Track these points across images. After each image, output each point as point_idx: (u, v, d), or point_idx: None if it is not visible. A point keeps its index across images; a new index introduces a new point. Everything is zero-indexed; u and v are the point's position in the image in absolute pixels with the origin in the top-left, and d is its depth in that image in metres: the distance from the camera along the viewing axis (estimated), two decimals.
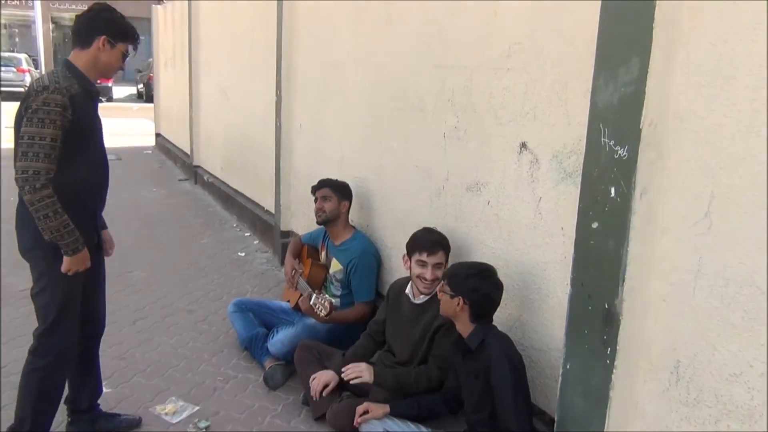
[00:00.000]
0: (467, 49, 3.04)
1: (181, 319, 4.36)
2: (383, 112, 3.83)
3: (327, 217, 3.80)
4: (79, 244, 2.47)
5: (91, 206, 2.68)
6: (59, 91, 2.39)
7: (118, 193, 8.19)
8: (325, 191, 3.83)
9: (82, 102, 2.49)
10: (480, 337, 2.47)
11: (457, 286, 2.48)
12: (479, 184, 3.00)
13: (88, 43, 2.54)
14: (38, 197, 2.35)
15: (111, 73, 2.73)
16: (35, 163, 2.35)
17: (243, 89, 6.88)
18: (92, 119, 2.60)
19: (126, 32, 2.61)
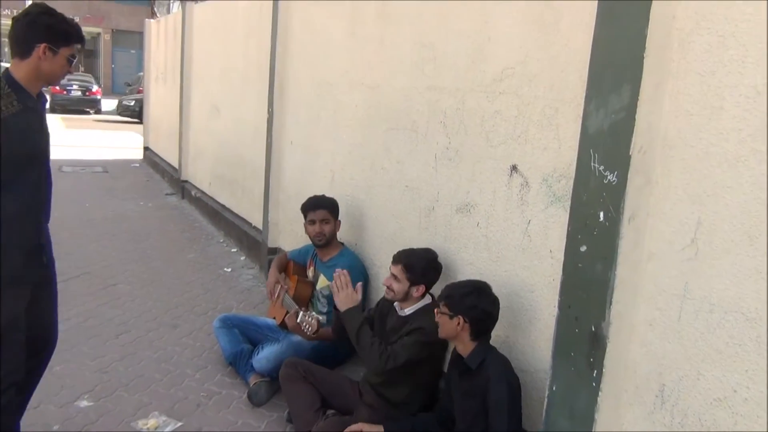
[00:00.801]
0: (460, 72, 3.09)
1: (166, 333, 4.33)
2: (375, 131, 3.86)
3: (327, 239, 3.81)
4: None
5: (32, 227, 2.50)
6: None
7: (104, 206, 8.19)
8: (324, 214, 3.81)
9: (19, 122, 2.30)
10: (480, 356, 2.48)
11: (455, 305, 2.49)
12: (469, 206, 3.03)
13: (27, 53, 2.35)
14: None
15: (57, 81, 2.51)
16: None
17: (234, 105, 6.91)
18: (33, 138, 2.40)
19: (68, 35, 2.41)
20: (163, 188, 9.90)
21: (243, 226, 6.47)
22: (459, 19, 3.10)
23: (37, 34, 2.34)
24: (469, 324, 2.48)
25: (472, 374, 2.49)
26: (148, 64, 12.44)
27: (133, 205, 8.50)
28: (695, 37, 1.95)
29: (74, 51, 2.45)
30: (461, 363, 2.56)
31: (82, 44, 2.50)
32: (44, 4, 2.43)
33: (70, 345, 4.02)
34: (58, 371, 3.65)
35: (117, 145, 14.83)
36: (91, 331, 4.28)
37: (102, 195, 8.94)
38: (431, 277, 3.07)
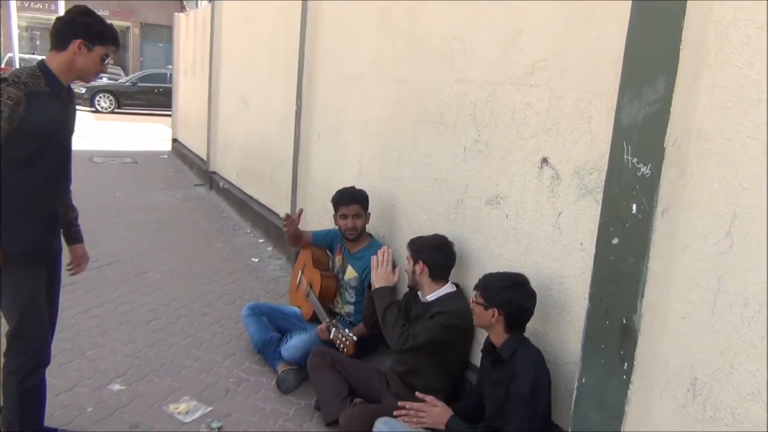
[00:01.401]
0: (491, 65, 3.08)
1: (195, 320, 4.40)
2: (404, 124, 3.86)
3: (359, 233, 3.83)
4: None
5: (43, 212, 2.55)
6: (16, 84, 2.34)
7: (133, 196, 8.31)
8: (356, 208, 3.80)
9: (44, 102, 2.42)
10: (512, 348, 2.48)
11: (491, 297, 2.50)
12: (498, 198, 3.02)
13: (64, 46, 2.48)
14: None
15: (89, 77, 2.61)
16: None
17: (263, 98, 6.95)
18: (54, 122, 2.49)
19: (103, 36, 2.53)
20: (191, 179, 10.01)
21: (270, 217, 6.52)
22: (490, 11, 3.08)
23: (75, 31, 2.48)
24: (503, 317, 2.48)
25: (503, 364, 2.50)
26: (177, 57, 12.57)
27: (162, 195, 8.61)
28: (733, 28, 1.93)
29: (108, 51, 2.56)
30: (494, 352, 2.57)
31: (117, 47, 2.61)
32: (85, 6, 2.57)
33: (102, 330, 4.10)
34: (91, 355, 3.73)
35: (146, 136, 15.02)
36: (122, 317, 4.35)
37: (132, 185, 9.07)
38: (433, 258, 3.07)
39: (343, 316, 3.87)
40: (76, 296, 4.60)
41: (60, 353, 3.62)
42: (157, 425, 3.09)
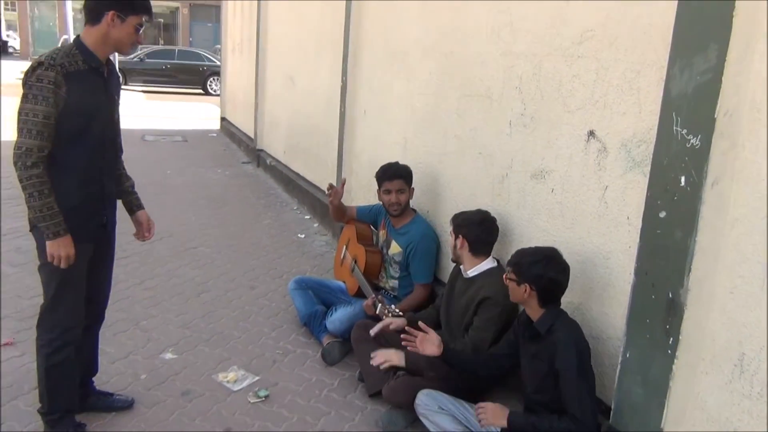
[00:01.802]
0: (537, 37, 3.04)
1: (243, 294, 4.51)
2: (449, 99, 3.85)
3: (402, 209, 3.84)
4: (60, 229, 2.41)
5: (95, 188, 2.59)
6: (53, 67, 2.33)
7: (184, 173, 8.51)
8: (400, 183, 3.80)
9: (83, 80, 2.42)
10: (549, 321, 2.48)
11: (522, 273, 2.49)
12: (544, 172, 3.00)
13: (97, 20, 2.45)
14: (27, 175, 2.34)
15: (125, 49, 2.57)
16: (28, 140, 2.33)
17: (309, 76, 7.00)
18: (95, 98, 2.51)
19: (135, 5, 2.49)
20: (239, 157, 10.19)
21: (316, 194, 6.60)
22: None
23: (106, 3, 2.45)
24: (536, 292, 2.47)
25: (540, 338, 2.50)
26: (225, 36, 12.73)
27: (211, 172, 8.80)
28: None
29: (141, 21, 2.52)
30: (530, 327, 2.57)
31: (150, 16, 2.57)
32: None
33: (155, 302, 4.25)
34: (145, 325, 3.88)
35: (195, 115, 15.30)
36: (174, 290, 4.50)
37: (182, 163, 9.28)
38: (473, 232, 3.07)
39: (387, 291, 3.91)
40: (131, 269, 4.77)
41: (115, 323, 3.79)
42: (207, 393, 3.21)
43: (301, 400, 3.20)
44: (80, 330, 2.68)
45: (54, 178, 2.40)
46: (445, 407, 2.74)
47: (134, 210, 2.92)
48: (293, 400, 3.19)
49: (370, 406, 3.18)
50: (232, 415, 3.04)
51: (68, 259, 2.45)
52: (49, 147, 2.37)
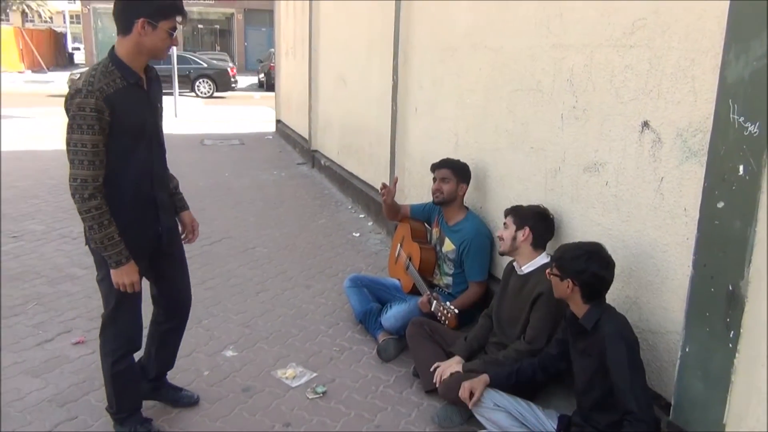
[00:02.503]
0: (588, 28, 3.00)
1: (300, 292, 4.60)
2: (499, 94, 3.83)
3: (444, 198, 3.85)
4: (122, 257, 2.42)
5: (147, 200, 2.59)
6: (92, 94, 2.28)
7: (241, 175, 8.71)
8: (445, 172, 3.86)
9: (124, 99, 2.37)
10: (595, 317, 2.45)
11: (565, 268, 2.48)
12: (597, 165, 2.96)
13: (128, 29, 2.38)
14: (86, 208, 2.34)
15: (161, 55, 2.49)
16: (81, 170, 2.32)
17: (360, 75, 7.07)
18: (140, 114, 2.47)
19: (165, 9, 2.40)
20: (294, 158, 10.36)
21: (370, 193, 6.66)
22: None
23: (135, 10, 2.37)
24: (579, 287, 2.45)
25: (587, 334, 2.47)
26: (278, 40, 12.95)
27: (267, 174, 8.98)
28: None
29: (174, 24, 2.44)
30: (576, 323, 2.54)
31: (183, 16, 2.48)
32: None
33: (216, 301, 4.39)
34: (207, 324, 4.01)
35: (251, 119, 15.62)
36: (233, 289, 4.63)
37: (239, 166, 9.51)
38: (538, 226, 3.09)
39: (441, 288, 3.93)
40: (192, 270, 4.77)
41: None
42: (267, 389, 3.30)
43: (357, 396, 3.25)
44: (140, 338, 2.75)
45: (107, 197, 2.40)
46: (500, 404, 2.74)
47: (178, 211, 2.92)
48: (350, 396, 3.25)
49: (426, 402, 3.21)
50: (291, 410, 3.11)
51: (133, 286, 2.50)
52: (103, 173, 2.37)
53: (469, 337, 3.29)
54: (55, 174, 8.30)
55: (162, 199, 2.68)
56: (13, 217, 6.26)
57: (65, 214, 6.39)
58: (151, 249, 2.66)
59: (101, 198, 2.37)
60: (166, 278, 2.85)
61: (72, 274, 4.80)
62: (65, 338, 3.77)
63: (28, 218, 6.27)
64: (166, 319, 2.94)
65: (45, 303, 4.26)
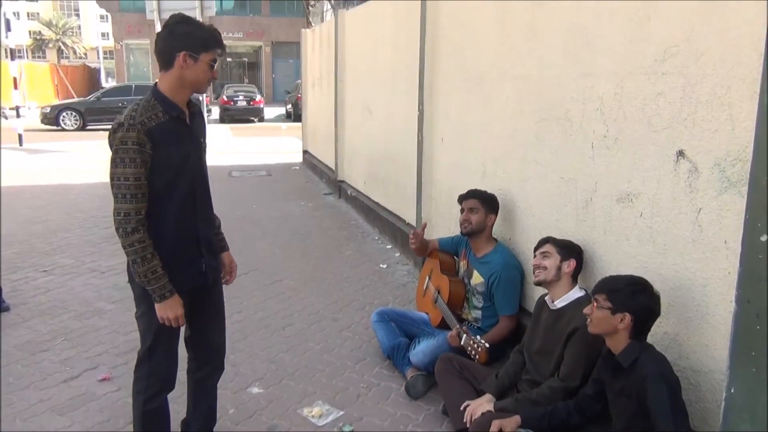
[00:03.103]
0: (617, 55, 2.94)
1: (327, 326, 4.54)
2: (527, 123, 3.78)
3: (472, 229, 3.79)
4: (166, 291, 2.41)
5: (190, 235, 2.56)
6: (133, 127, 2.29)
7: (269, 206, 8.75)
8: (473, 203, 3.81)
9: (166, 133, 2.38)
10: (633, 354, 2.35)
11: (621, 300, 2.37)
12: (631, 196, 2.87)
13: (170, 63, 2.38)
14: (129, 242, 2.34)
15: (203, 87, 2.50)
16: (124, 204, 2.32)
17: (386, 105, 7.07)
18: (182, 147, 2.46)
19: (206, 42, 2.39)
20: (321, 189, 10.38)
21: (397, 223, 6.61)
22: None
23: (176, 44, 2.37)
24: (633, 322, 2.35)
25: (624, 372, 2.36)
26: (304, 71, 13.09)
27: (294, 205, 9.00)
28: None
29: (215, 56, 2.44)
30: (612, 360, 2.44)
31: (222, 49, 2.48)
32: (181, 14, 2.45)
33: (242, 335, 4.35)
34: (233, 359, 3.96)
35: (279, 149, 15.76)
36: (260, 323, 4.59)
37: (267, 197, 9.55)
38: (578, 257, 3.04)
39: (470, 322, 3.84)
40: None
41: None
42: (293, 428, 3.23)
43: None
44: (171, 382, 2.68)
45: (149, 231, 2.39)
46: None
47: (219, 251, 2.87)
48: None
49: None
50: None
51: (177, 320, 2.48)
52: (145, 206, 2.36)
53: (500, 374, 3.19)
54: (85, 207, 8.44)
55: (206, 236, 2.65)
56: (45, 251, 6.34)
57: (94, 248, 6.46)
58: (193, 286, 2.61)
59: (144, 231, 2.36)
60: (202, 320, 2.77)
61: (100, 309, 4.81)
62: (91, 375, 3.75)
63: (58, 252, 6.34)
64: (198, 366, 2.86)
65: (72, 338, 4.27)
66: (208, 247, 2.67)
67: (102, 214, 7.98)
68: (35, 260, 6.03)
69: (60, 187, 10.20)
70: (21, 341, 4.20)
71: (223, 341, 2.91)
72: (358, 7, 8.60)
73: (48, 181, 10.73)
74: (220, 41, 2.47)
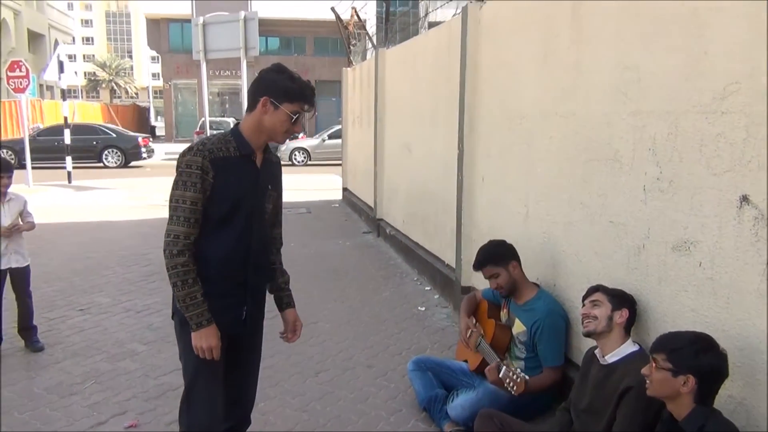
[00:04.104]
0: (671, 93, 2.74)
1: (361, 373, 4.35)
2: (573, 164, 3.59)
3: (507, 290, 3.62)
4: (204, 319, 2.35)
5: (236, 279, 2.48)
6: (201, 153, 2.31)
7: (306, 245, 8.65)
8: (489, 270, 3.62)
9: (232, 167, 2.37)
10: (699, 421, 2.10)
11: (684, 361, 2.13)
12: (688, 243, 2.64)
13: (253, 106, 2.40)
14: (173, 264, 2.31)
15: (279, 137, 2.45)
16: (176, 226, 2.32)
17: (425, 143, 6.96)
18: (242, 185, 2.41)
19: (289, 93, 2.38)
20: (360, 227, 10.27)
21: (436, 264, 6.42)
22: (668, 34, 2.77)
23: (261, 89, 2.39)
24: (697, 385, 2.11)
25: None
26: (345, 109, 13.14)
27: (332, 244, 8.88)
28: None
29: (297, 108, 2.40)
30: (675, 426, 2.18)
31: (309, 104, 2.44)
32: (279, 65, 2.47)
33: (274, 381, 4.18)
34: (263, 408, 3.79)
35: (319, 186, 15.79)
36: (293, 369, 4.42)
37: (305, 235, 9.47)
38: (631, 307, 2.82)
39: None
40: None
41: None
42: None
43: None
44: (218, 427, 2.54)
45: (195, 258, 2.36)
46: None
47: (283, 307, 2.82)
48: None
49: None
50: None
51: (212, 351, 2.38)
52: (196, 233, 2.34)
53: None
54: (127, 244, 8.48)
55: (254, 284, 2.55)
56: (83, 289, 6.33)
57: (132, 287, 6.43)
58: (229, 332, 2.49)
59: (189, 256, 2.33)
60: (234, 373, 2.62)
61: (132, 350, 4.72)
62: (119, 421, 3.63)
63: (96, 290, 6.32)
64: (223, 418, 2.65)
65: (103, 381, 4.17)
66: (255, 295, 2.58)
67: (142, 251, 8.00)
68: (73, 298, 6.01)
69: (105, 224, 10.32)
70: (52, 383, 4.12)
71: (252, 395, 2.77)
72: (398, 46, 8.59)
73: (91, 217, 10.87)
74: (308, 97, 2.44)
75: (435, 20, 12.69)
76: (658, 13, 2.83)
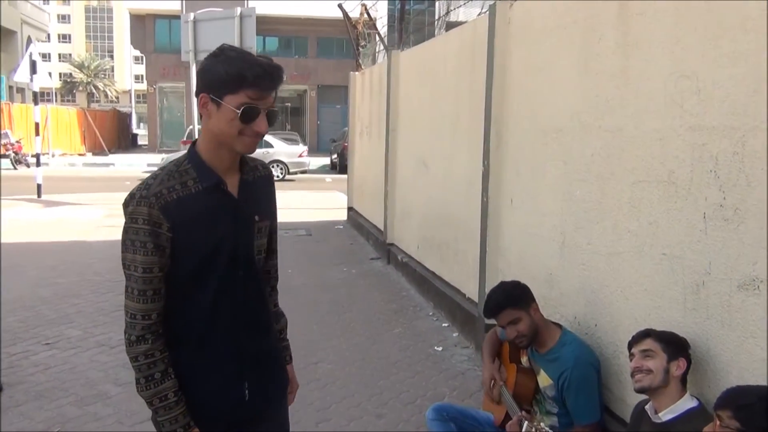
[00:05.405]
0: (736, 107, 2.69)
1: (369, 424, 4.27)
2: (617, 185, 3.52)
3: (528, 338, 3.45)
4: (178, 426, 1.96)
5: (224, 349, 2.09)
6: (145, 200, 1.88)
7: (306, 272, 8.60)
8: (509, 315, 3.43)
9: (192, 206, 1.94)
10: None
11: (755, 421, 2.07)
12: (757, 281, 2.57)
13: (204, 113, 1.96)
14: (132, 354, 1.94)
15: (238, 146, 1.94)
16: (131, 302, 1.93)
17: (444, 159, 6.92)
18: (215, 228, 2.00)
19: (227, 80, 1.86)
20: (367, 252, 10.22)
21: (455, 297, 6.35)
22: (732, 39, 2.72)
23: (198, 84, 1.94)
24: None
25: None
26: (352, 118, 13.16)
27: (336, 271, 8.84)
28: None
29: (243, 99, 1.87)
30: None
31: (260, 89, 1.89)
32: (221, 46, 1.96)
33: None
34: None
35: (321, 206, 15.80)
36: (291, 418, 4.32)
37: (305, 260, 9.42)
38: (687, 355, 2.76)
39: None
40: None
41: None
42: None
43: None
44: None
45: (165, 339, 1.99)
46: None
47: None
48: None
49: None
50: None
51: None
52: (159, 308, 1.96)
53: None
54: (100, 269, 8.45)
55: (253, 352, 2.16)
56: (51, 320, 6.30)
57: (106, 318, 6.39)
58: (229, 417, 2.13)
59: (153, 342, 1.94)
60: None
61: (104, 393, 4.65)
62: None
63: (65, 321, 6.28)
64: None
65: (69, 428, 4.10)
66: (256, 364, 2.17)
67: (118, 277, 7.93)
68: (39, 330, 5.97)
69: (78, 244, 10.32)
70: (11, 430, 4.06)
71: None
72: (414, 48, 8.60)
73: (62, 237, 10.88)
74: (256, 79, 1.87)
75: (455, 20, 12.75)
76: (722, 13, 2.78)
